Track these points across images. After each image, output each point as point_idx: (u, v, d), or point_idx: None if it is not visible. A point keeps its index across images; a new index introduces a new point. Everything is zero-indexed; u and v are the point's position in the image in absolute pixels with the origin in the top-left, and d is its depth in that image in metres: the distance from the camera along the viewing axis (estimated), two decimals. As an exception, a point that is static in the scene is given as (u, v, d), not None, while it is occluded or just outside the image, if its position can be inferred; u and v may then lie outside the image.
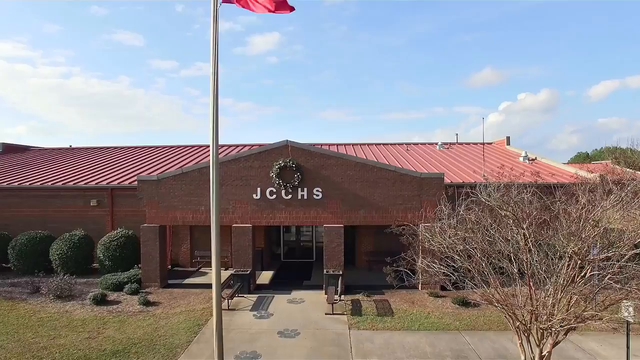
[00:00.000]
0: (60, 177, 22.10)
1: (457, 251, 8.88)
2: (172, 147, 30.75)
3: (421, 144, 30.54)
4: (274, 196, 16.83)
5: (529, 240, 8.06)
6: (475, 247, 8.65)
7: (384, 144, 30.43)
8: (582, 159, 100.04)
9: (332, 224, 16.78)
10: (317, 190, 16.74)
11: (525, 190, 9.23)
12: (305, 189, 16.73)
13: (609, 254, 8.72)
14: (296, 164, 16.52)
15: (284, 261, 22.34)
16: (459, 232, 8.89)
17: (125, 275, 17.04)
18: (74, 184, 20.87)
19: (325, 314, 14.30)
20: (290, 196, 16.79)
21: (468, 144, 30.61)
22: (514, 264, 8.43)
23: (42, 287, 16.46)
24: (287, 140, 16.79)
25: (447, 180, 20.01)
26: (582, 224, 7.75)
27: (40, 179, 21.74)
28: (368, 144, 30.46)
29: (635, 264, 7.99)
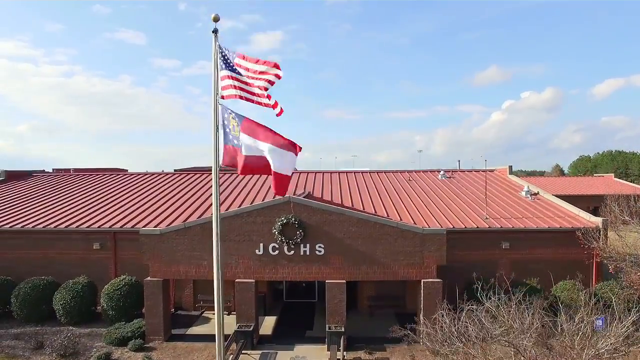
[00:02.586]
0: (63, 217, 22.09)
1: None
2: (174, 174, 30.77)
3: (423, 171, 30.47)
4: (277, 252, 16.88)
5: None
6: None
7: (385, 172, 30.40)
8: (584, 162, 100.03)
9: (334, 280, 16.86)
10: (320, 246, 16.79)
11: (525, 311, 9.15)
12: (308, 245, 16.78)
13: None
14: (298, 220, 16.54)
15: (287, 302, 22.42)
16: (460, 353, 8.92)
17: (129, 329, 17.13)
18: (76, 226, 20.89)
19: (328, 379, 14.41)
20: (292, 252, 16.84)
21: (470, 171, 30.59)
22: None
23: (46, 341, 16.55)
24: (290, 197, 16.80)
25: (449, 225, 20.10)
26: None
27: (43, 220, 21.75)
28: (370, 172, 30.45)
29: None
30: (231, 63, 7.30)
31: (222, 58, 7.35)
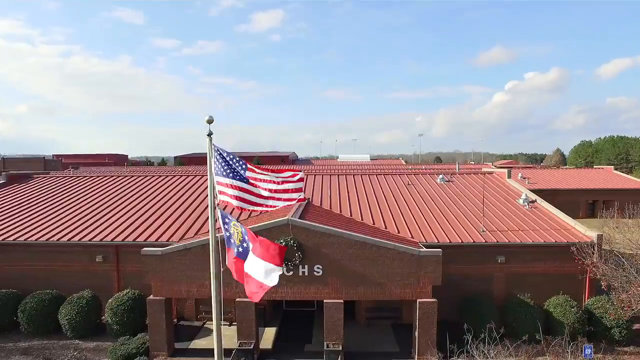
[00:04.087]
0: (65, 227, 22.40)
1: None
2: (175, 175, 30.94)
3: (422, 173, 30.64)
4: (276, 272, 17.21)
5: None
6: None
7: (384, 174, 30.56)
8: (585, 147, 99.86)
9: (332, 300, 17.29)
10: (318, 268, 17.15)
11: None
12: (307, 266, 17.14)
13: None
14: (297, 243, 16.84)
15: (286, 310, 22.93)
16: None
17: (133, 345, 17.64)
18: (79, 239, 21.23)
19: (326, 400, 14.96)
20: (291, 273, 17.20)
21: (469, 174, 30.74)
22: None
23: (54, 357, 17.15)
24: (288, 219, 17.05)
25: (446, 240, 20.44)
26: None
27: (45, 230, 22.07)
28: (369, 174, 30.60)
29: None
30: (233, 167, 7.39)
31: (222, 161, 7.44)
